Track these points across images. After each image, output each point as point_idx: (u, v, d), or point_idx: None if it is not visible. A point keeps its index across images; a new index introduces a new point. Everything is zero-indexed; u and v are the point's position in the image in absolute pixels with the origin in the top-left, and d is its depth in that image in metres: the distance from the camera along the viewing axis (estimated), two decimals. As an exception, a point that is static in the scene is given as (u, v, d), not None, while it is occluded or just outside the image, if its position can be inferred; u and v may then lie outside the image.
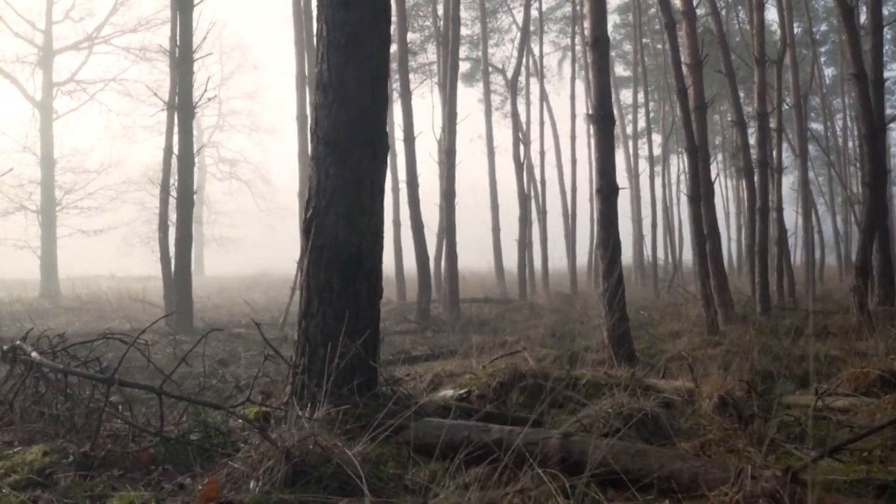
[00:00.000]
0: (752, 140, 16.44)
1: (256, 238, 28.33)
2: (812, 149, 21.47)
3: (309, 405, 2.80)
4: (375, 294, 3.37)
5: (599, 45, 7.02)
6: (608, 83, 7.08)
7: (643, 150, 26.79)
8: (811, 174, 23.66)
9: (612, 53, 26.96)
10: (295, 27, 14.23)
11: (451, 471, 2.45)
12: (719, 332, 9.13)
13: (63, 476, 2.48)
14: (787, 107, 17.63)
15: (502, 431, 2.64)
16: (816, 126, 27.35)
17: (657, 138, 28.35)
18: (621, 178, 25.67)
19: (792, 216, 23.21)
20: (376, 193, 3.37)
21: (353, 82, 3.28)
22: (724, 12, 18.41)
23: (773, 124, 14.03)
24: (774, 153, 14.39)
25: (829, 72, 30.38)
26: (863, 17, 15.95)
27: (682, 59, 10.42)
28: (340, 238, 3.24)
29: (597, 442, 2.43)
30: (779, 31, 19.00)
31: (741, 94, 14.28)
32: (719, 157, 31.82)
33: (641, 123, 26.97)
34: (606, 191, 7.05)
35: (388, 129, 3.49)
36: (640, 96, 25.14)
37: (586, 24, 24.29)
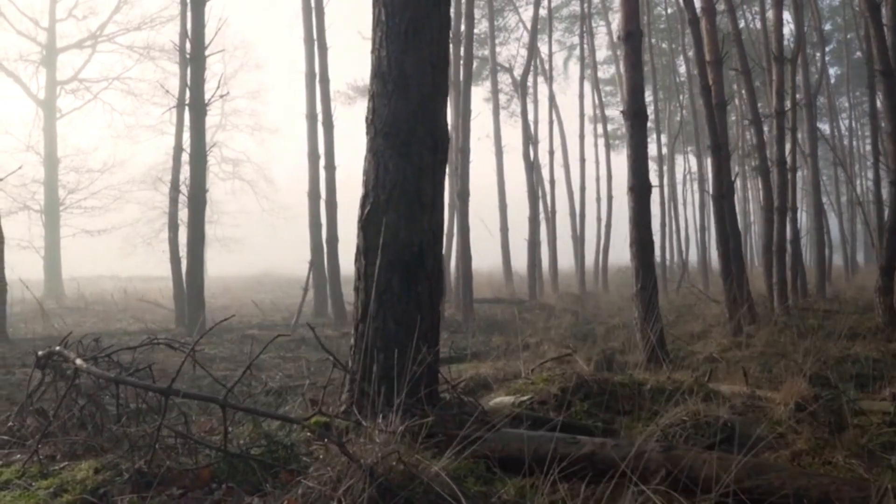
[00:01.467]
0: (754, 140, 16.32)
1: (258, 238, 28.08)
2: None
3: (380, 416, 2.59)
4: (437, 296, 3.16)
5: (632, 39, 6.84)
6: (641, 78, 6.89)
7: (650, 150, 26.68)
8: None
9: (618, 52, 26.83)
10: (304, 24, 14.00)
11: (542, 488, 2.25)
12: (743, 332, 8.98)
13: (119, 497, 2.26)
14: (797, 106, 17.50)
15: (594, 444, 2.44)
16: (821, 126, 27.26)
17: (661, 138, 28.26)
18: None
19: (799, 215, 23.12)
20: (437, 188, 3.17)
21: (413, 70, 3.08)
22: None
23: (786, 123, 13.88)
24: (788, 152, 14.26)
25: (832, 71, 30.35)
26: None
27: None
28: (401, 237, 3.04)
29: (705, 455, 2.24)
30: (785, 30, 18.86)
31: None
32: (724, 156, 31.65)
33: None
34: (640, 189, 6.86)
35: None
36: (647, 95, 25.05)
37: (591, 22, 23.69)
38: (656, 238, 21.99)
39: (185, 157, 10.76)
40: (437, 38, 3.14)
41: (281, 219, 27.04)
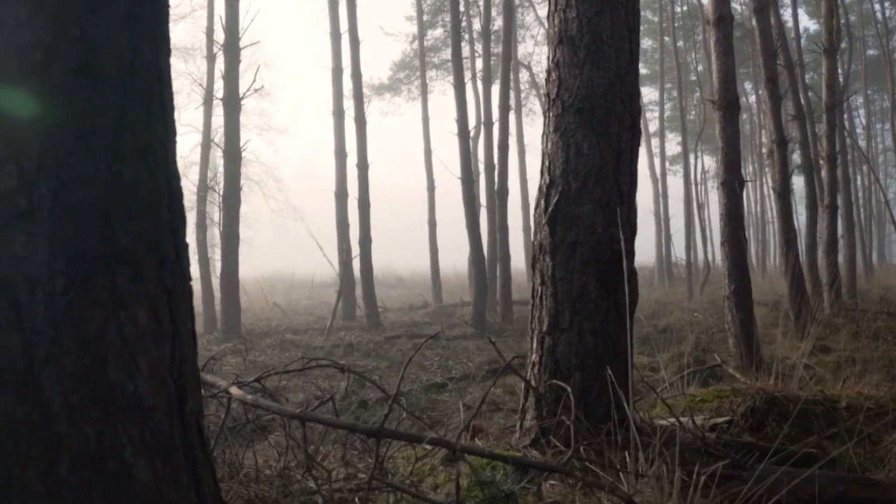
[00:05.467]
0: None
1: (267, 239, 27.46)
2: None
3: (624, 452, 2.09)
4: (633, 302, 2.67)
5: (724, 24, 6.39)
6: (733, 65, 6.44)
7: (667, 150, 26.31)
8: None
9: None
10: (330, 18, 13.51)
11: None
12: (805, 334, 8.57)
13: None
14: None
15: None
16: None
17: (671, 136, 28.01)
18: (642, 176, 25.09)
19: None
20: (634, 175, 2.68)
21: (609, 34, 2.59)
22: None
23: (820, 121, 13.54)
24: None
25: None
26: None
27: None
28: (598, 232, 2.54)
29: None
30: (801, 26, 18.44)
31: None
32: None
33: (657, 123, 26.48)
34: (733, 184, 6.43)
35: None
36: (658, 94, 24.69)
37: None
38: (679, 238, 21.68)
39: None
40: (632, -4, 2.65)
41: (290, 219, 26.44)
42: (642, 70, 25.85)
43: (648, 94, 26.72)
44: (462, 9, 19.57)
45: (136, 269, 0.93)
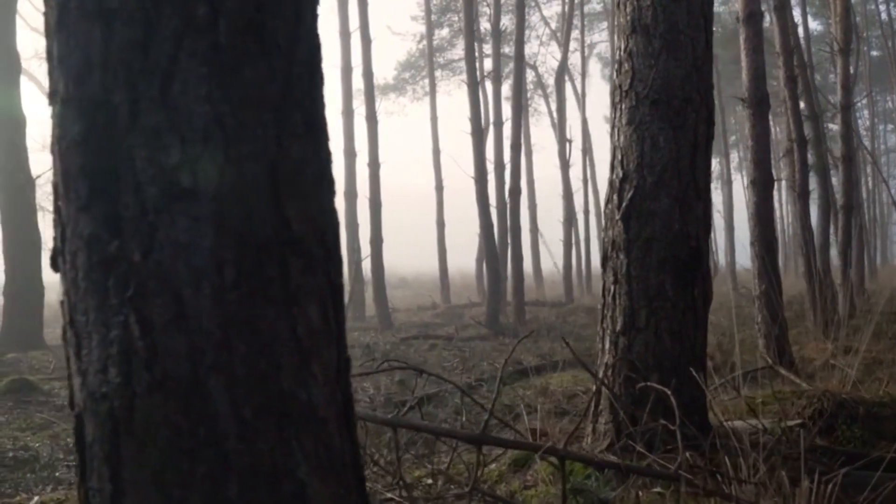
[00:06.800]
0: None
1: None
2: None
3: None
4: (708, 302, 2.57)
5: (754, 21, 6.30)
6: (763, 63, 6.36)
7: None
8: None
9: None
10: (339, 17, 13.40)
11: None
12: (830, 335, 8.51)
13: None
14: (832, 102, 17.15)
15: None
16: (834, 126, 26.99)
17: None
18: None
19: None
20: (709, 169, 2.58)
21: (686, 23, 2.48)
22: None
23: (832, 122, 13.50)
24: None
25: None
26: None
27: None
28: (676, 228, 2.44)
29: None
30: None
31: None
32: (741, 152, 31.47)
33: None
34: (763, 182, 6.34)
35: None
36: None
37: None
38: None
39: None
40: (708, -17, 2.55)
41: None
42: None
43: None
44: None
45: (308, 260, 0.81)
